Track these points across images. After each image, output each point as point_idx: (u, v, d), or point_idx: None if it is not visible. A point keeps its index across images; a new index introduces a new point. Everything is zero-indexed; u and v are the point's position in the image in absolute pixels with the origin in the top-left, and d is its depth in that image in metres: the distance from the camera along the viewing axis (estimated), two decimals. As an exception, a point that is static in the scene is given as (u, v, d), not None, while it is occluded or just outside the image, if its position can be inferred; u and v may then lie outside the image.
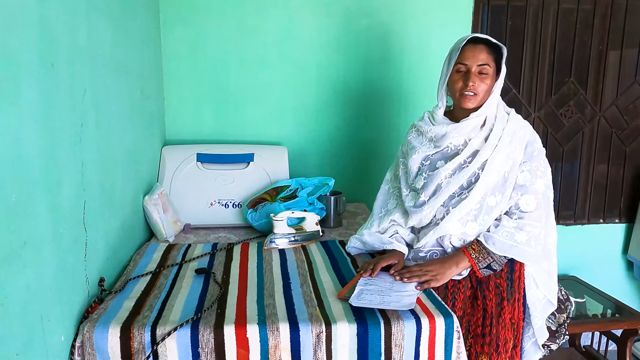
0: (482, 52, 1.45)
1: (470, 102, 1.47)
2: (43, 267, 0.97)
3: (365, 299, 1.22)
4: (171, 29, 2.16)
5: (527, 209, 1.44)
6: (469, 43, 1.47)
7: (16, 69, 0.88)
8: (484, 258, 1.41)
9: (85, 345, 1.08)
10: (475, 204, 1.46)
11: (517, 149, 1.48)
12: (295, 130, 2.32)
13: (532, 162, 1.47)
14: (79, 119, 1.17)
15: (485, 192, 1.46)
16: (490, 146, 1.47)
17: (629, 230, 2.70)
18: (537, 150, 1.49)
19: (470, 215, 1.46)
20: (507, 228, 1.42)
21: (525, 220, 1.43)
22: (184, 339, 1.10)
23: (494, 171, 1.45)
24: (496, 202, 1.45)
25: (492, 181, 1.46)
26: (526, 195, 1.45)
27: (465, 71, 1.47)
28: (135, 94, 1.71)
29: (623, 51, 2.52)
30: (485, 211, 1.45)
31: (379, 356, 1.14)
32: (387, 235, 1.57)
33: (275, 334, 1.11)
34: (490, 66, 1.46)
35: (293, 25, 2.23)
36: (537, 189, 1.45)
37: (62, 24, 1.08)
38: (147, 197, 1.75)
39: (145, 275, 1.41)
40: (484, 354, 1.41)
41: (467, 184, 1.48)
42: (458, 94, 1.49)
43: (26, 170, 0.91)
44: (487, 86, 1.47)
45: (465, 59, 1.46)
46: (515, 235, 1.41)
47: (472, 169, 1.47)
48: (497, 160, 1.46)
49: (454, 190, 1.48)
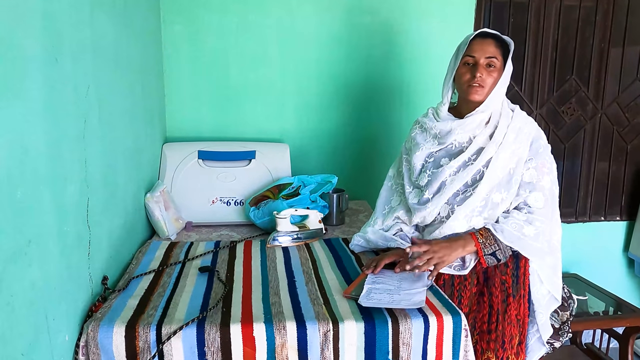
0: (491, 45, 1.45)
1: (478, 94, 1.47)
2: (48, 266, 0.96)
3: (374, 298, 1.21)
4: (171, 25, 2.14)
5: (537, 206, 1.44)
6: (478, 37, 1.47)
7: (21, 64, 0.87)
8: (490, 244, 1.40)
9: (90, 344, 1.07)
10: (480, 201, 1.45)
11: (522, 145, 1.47)
12: (297, 127, 2.31)
13: (538, 159, 1.47)
14: (83, 115, 1.15)
15: (490, 189, 1.45)
16: (495, 143, 1.46)
17: (630, 227, 2.70)
18: (543, 146, 1.49)
19: (475, 211, 1.45)
20: (517, 220, 1.41)
21: (534, 215, 1.42)
22: (190, 338, 1.08)
23: (499, 168, 1.45)
24: (502, 198, 1.45)
25: (497, 178, 1.45)
26: (534, 193, 1.44)
27: (473, 64, 1.47)
28: (137, 91, 1.70)
29: (625, 48, 2.51)
30: (490, 207, 1.45)
31: (387, 355, 1.13)
32: (390, 233, 1.56)
33: (282, 333, 1.10)
34: (497, 60, 1.46)
35: (294, 22, 2.21)
36: (544, 186, 1.45)
37: (66, 19, 1.07)
38: (149, 194, 1.74)
39: (148, 273, 1.40)
40: (490, 350, 1.41)
41: (472, 181, 1.47)
42: (465, 85, 1.48)
43: (32, 166, 0.90)
44: (494, 79, 1.46)
45: (474, 51, 1.46)
46: (524, 229, 1.40)
47: (477, 167, 1.46)
48: (502, 157, 1.45)
49: (459, 188, 1.47)
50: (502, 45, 1.47)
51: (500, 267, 1.44)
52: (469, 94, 1.48)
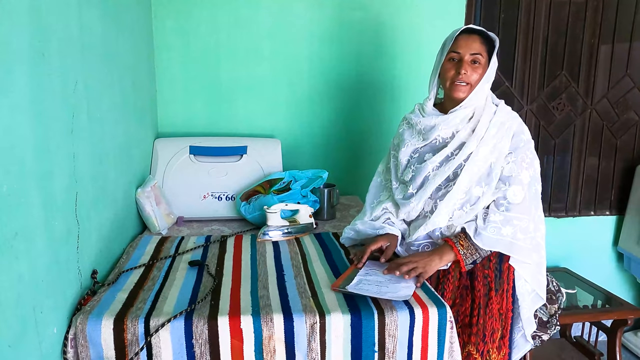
0: (476, 42, 1.46)
1: (462, 91, 1.47)
2: (35, 259, 0.96)
3: (362, 288, 1.23)
4: (162, 20, 2.14)
5: (515, 200, 1.43)
6: (463, 33, 1.47)
7: (7, 58, 0.87)
8: (471, 254, 1.41)
9: (79, 337, 1.08)
10: (460, 194, 1.45)
11: (504, 140, 1.47)
12: (288, 122, 2.32)
13: (518, 153, 1.46)
14: (71, 110, 1.16)
15: (470, 183, 1.46)
16: (476, 137, 1.46)
17: (620, 222, 2.72)
18: (524, 141, 1.49)
19: (457, 205, 1.46)
20: (494, 223, 1.41)
21: (511, 213, 1.42)
22: (178, 330, 1.09)
23: (479, 162, 1.45)
24: (482, 192, 1.45)
25: (477, 172, 1.45)
26: (513, 186, 1.44)
27: (457, 60, 1.47)
28: (127, 86, 1.70)
29: (614, 45, 2.53)
30: (470, 200, 1.46)
31: (373, 346, 1.14)
32: (379, 222, 1.57)
33: (270, 325, 1.11)
34: (482, 56, 1.46)
35: (285, 18, 2.22)
36: (522, 180, 1.44)
37: (52, 14, 1.07)
38: (140, 189, 1.74)
39: (138, 267, 1.40)
40: (471, 343, 1.42)
41: (453, 175, 1.47)
42: (449, 82, 1.49)
43: (18, 160, 0.90)
44: (478, 76, 1.47)
45: (459, 47, 1.46)
46: (502, 229, 1.40)
47: (458, 161, 1.46)
48: (483, 151, 1.45)
49: (440, 182, 1.48)
50: (488, 41, 1.48)
51: (483, 261, 1.45)
52: (453, 91, 1.48)
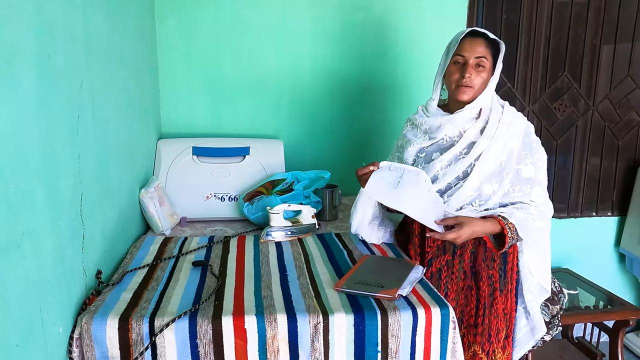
0: (481, 45, 1.46)
1: (466, 94, 1.48)
2: (42, 259, 0.97)
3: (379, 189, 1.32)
4: (165, 21, 2.15)
5: (539, 201, 1.48)
6: (468, 36, 1.48)
7: (14, 60, 0.88)
8: (513, 238, 1.41)
9: (84, 336, 1.09)
10: (471, 192, 1.46)
11: (514, 138, 1.49)
12: (290, 123, 2.32)
13: (534, 154, 1.50)
14: (76, 111, 1.17)
15: (481, 181, 1.47)
16: (487, 137, 1.48)
17: (622, 223, 2.73)
18: (535, 141, 1.52)
19: (466, 202, 1.47)
20: (532, 215, 1.45)
21: (542, 208, 1.48)
22: (182, 330, 1.10)
23: (490, 160, 1.46)
24: (493, 190, 1.46)
25: (488, 170, 1.47)
26: (536, 188, 1.48)
27: (462, 63, 1.48)
28: (131, 87, 1.71)
29: (616, 45, 2.54)
30: (481, 198, 1.47)
31: (376, 346, 1.15)
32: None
33: (273, 325, 1.12)
34: (487, 59, 1.47)
35: (288, 18, 2.22)
36: (541, 180, 1.50)
37: (58, 15, 1.08)
38: (144, 190, 1.75)
39: (142, 267, 1.41)
40: (477, 343, 1.43)
41: (463, 174, 1.48)
42: (454, 85, 1.50)
43: (25, 161, 0.91)
44: (483, 80, 1.47)
45: (464, 50, 1.47)
46: (536, 222, 1.45)
47: (469, 160, 1.47)
48: (494, 150, 1.47)
49: (450, 181, 1.49)
50: (493, 44, 1.48)
51: (487, 262, 1.46)
52: (457, 94, 1.50)
